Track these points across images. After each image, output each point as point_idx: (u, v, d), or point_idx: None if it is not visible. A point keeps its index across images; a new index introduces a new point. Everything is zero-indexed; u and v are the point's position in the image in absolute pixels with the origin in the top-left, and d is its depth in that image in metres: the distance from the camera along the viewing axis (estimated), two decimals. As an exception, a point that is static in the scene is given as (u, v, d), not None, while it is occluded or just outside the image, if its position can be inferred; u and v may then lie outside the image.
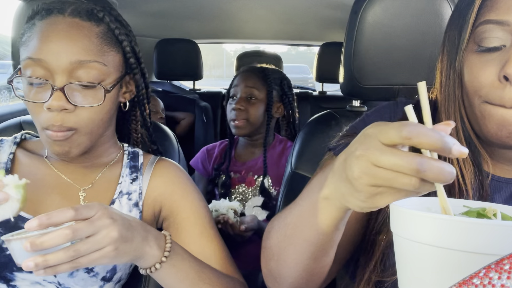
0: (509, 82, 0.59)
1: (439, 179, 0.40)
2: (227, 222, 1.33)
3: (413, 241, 0.42)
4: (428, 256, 0.41)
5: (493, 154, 0.70)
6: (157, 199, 0.89)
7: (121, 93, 0.87)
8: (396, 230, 0.46)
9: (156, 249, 0.71)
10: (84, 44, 0.77)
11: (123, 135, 0.99)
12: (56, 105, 0.73)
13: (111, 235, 0.62)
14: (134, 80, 0.89)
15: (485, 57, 0.62)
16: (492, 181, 0.69)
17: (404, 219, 0.43)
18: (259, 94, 1.63)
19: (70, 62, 0.75)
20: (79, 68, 0.76)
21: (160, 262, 0.71)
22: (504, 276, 0.32)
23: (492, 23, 0.61)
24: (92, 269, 0.79)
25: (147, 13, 2.06)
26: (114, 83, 0.81)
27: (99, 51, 0.78)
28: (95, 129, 0.80)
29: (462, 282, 0.34)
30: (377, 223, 0.69)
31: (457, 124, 0.67)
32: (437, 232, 0.40)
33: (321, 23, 2.34)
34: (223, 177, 1.64)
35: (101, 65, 0.78)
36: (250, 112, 1.60)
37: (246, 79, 1.64)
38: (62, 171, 0.87)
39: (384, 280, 0.67)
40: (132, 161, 0.92)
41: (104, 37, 0.80)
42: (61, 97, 0.74)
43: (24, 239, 0.57)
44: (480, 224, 0.39)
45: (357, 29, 0.99)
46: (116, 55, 0.82)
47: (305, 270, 0.63)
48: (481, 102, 0.63)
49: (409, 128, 0.40)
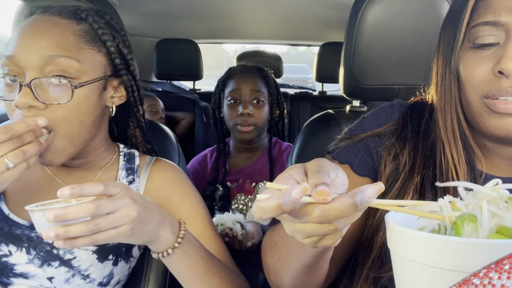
0: (504, 75, 0.61)
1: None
2: (235, 238, 1.24)
3: (407, 259, 0.41)
4: (423, 274, 0.40)
5: (488, 152, 0.70)
6: (155, 200, 0.88)
7: (107, 96, 0.83)
8: (391, 247, 0.45)
9: (170, 234, 0.71)
10: (56, 39, 0.74)
11: (121, 139, 0.97)
12: (22, 101, 0.71)
13: (130, 214, 0.62)
14: (123, 83, 0.86)
15: (480, 54, 0.64)
16: (486, 180, 0.70)
17: (397, 236, 0.43)
18: (264, 96, 1.56)
19: (40, 57, 0.73)
20: (49, 64, 0.73)
21: (172, 248, 0.71)
22: (504, 276, 0.32)
23: (487, 24, 0.63)
24: (88, 275, 0.79)
25: (147, 13, 2.05)
26: (89, 82, 0.77)
27: (74, 47, 0.76)
28: (75, 132, 0.77)
29: (462, 282, 0.34)
30: (374, 221, 0.70)
31: (453, 123, 0.68)
32: (430, 252, 0.39)
33: (321, 23, 2.34)
34: (220, 188, 1.56)
35: (73, 61, 0.75)
36: (257, 116, 1.53)
37: (249, 81, 1.55)
38: (57, 175, 0.86)
39: (381, 276, 0.68)
40: (128, 163, 0.90)
41: (82, 35, 0.78)
42: (28, 93, 0.71)
43: (46, 210, 0.59)
44: (474, 244, 0.37)
45: (357, 29, 0.99)
46: (95, 54, 0.79)
47: (303, 282, 0.66)
48: (480, 98, 0.64)
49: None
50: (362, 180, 0.75)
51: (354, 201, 0.40)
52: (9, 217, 0.80)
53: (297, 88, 2.92)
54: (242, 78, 1.57)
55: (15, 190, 0.83)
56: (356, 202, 0.40)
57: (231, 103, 1.56)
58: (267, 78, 1.60)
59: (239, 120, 1.52)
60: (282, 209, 0.40)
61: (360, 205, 0.41)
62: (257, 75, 1.58)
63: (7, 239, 0.78)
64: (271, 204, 0.40)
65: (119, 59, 0.83)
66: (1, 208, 0.81)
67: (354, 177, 0.75)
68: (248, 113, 1.50)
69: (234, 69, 1.62)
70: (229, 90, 1.57)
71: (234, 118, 1.54)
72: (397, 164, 0.72)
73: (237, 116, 1.53)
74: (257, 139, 1.59)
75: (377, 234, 0.69)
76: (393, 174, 0.72)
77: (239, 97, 1.54)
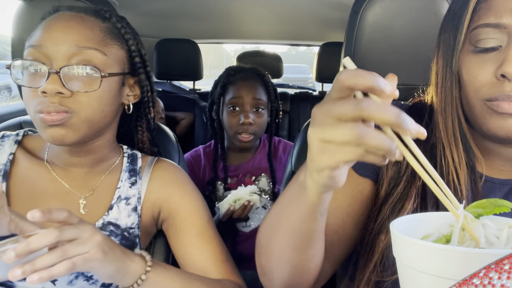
0: (506, 79, 0.60)
1: (379, 149, 0.41)
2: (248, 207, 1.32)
3: (412, 269, 0.41)
4: (428, 284, 0.40)
5: (488, 154, 0.70)
6: (156, 202, 0.88)
7: (124, 93, 0.86)
8: (396, 255, 0.45)
9: (138, 262, 0.72)
10: (85, 32, 0.77)
11: (127, 142, 0.97)
12: (50, 88, 0.72)
13: (94, 237, 0.63)
14: (139, 82, 0.88)
15: (481, 57, 0.63)
16: (486, 182, 0.70)
17: (402, 245, 0.43)
18: (264, 104, 1.54)
19: (69, 47, 0.75)
20: (77, 54, 0.75)
21: (145, 273, 0.71)
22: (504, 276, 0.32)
23: (489, 26, 0.62)
24: (91, 277, 0.79)
25: (147, 13, 2.06)
26: (115, 74, 0.80)
27: (100, 41, 0.78)
28: (95, 118, 0.78)
29: (462, 282, 0.34)
30: (376, 224, 0.69)
31: (454, 125, 0.68)
32: (435, 262, 0.39)
33: (321, 23, 2.34)
34: (220, 184, 1.56)
35: (100, 54, 0.77)
36: (258, 124, 1.52)
37: (251, 89, 1.52)
38: (62, 177, 0.85)
39: (384, 280, 0.67)
40: (131, 165, 0.90)
41: (107, 32, 0.81)
42: (56, 80, 0.73)
43: (2, 252, 0.55)
44: (479, 254, 0.37)
45: (357, 29, 0.99)
46: (119, 49, 0.82)
47: (290, 264, 0.63)
48: (483, 101, 0.63)
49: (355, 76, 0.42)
50: (364, 180, 0.74)
51: None
52: None
53: (297, 88, 2.92)
54: (243, 85, 1.53)
55: (19, 193, 0.82)
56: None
57: (231, 110, 1.54)
58: (267, 84, 1.58)
59: (240, 129, 1.51)
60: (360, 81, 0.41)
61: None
62: (258, 82, 1.56)
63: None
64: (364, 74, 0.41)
65: (138, 57, 0.86)
66: None
67: (356, 177, 0.74)
68: (250, 123, 1.50)
69: (234, 73, 1.58)
70: (229, 97, 1.54)
71: (235, 126, 1.52)
72: (398, 168, 0.71)
73: (238, 125, 1.51)
74: (253, 146, 1.60)
75: (379, 238, 0.68)
76: (395, 178, 0.71)
77: (240, 105, 1.52)
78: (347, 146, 0.42)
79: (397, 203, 0.68)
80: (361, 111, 0.41)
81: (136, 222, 0.86)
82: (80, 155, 0.84)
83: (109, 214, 0.84)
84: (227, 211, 1.34)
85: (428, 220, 0.50)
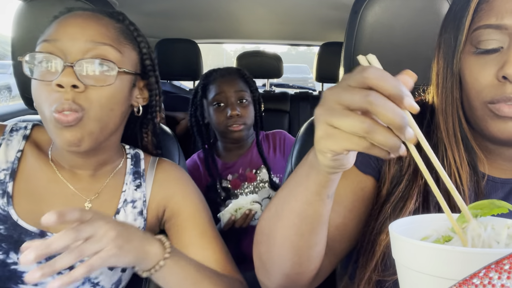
0: (508, 81, 0.60)
1: (385, 146, 0.43)
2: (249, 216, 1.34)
3: (412, 270, 0.41)
4: (428, 285, 0.40)
5: (489, 154, 0.70)
6: (160, 203, 0.89)
7: (134, 95, 0.85)
8: (396, 257, 0.45)
9: (157, 247, 0.71)
10: (100, 29, 0.77)
11: (129, 141, 0.97)
12: (65, 81, 0.71)
13: (109, 233, 0.62)
14: (148, 86, 0.88)
15: (483, 59, 0.63)
16: (488, 181, 0.70)
17: (401, 246, 0.43)
18: (247, 95, 1.59)
19: (84, 43, 0.75)
20: (92, 50, 0.75)
21: (163, 259, 0.71)
22: (504, 276, 0.32)
23: (490, 27, 0.62)
24: (98, 283, 0.79)
25: (147, 13, 2.06)
26: (129, 71, 0.80)
27: (116, 39, 0.79)
28: (104, 117, 0.77)
29: (462, 282, 0.34)
30: (377, 223, 0.69)
31: (454, 125, 0.68)
32: (435, 262, 0.39)
33: (321, 23, 2.34)
34: (224, 182, 1.58)
35: (115, 51, 0.77)
36: (245, 116, 1.56)
37: (231, 83, 1.58)
38: (67, 179, 0.83)
39: (385, 280, 0.67)
40: (134, 167, 0.90)
41: (121, 32, 0.81)
42: (71, 73, 0.72)
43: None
44: (479, 253, 0.37)
45: (357, 29, 0.98)
46: (132, 50, 0.83)
47: (293, 250, 0.62)
48: (484, 103, 0.63)
49: (368, 71, 0.43)
50: (366, 178, 0.74)
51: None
52: (18, 223, 0.77)
53: (297, 88, 2.93)
54: (223, 81, 1.58)
55: (24, 193, 0.80)
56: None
57: (216, 107, 1.57)
58: (246, 77, 1.63)
59: (229, 122, 1.54)
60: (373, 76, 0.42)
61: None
62: (236, 76, 1.61)
63: (16, 248, 0.75)
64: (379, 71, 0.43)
65: (149, 60, 0.87)
66: (10, 214, 0.77)
67: (359, 174, 0.74)
68: (237, 114, 1.53)
69: (211, 74, 1.64)
70: (212, 95, 1.57)
71: (223, 121, 1.55)
72: (400, 166, 0.71)
73: (226, 119, 1.54)
74: (246, 136, 1.62)
75: (380, 237, 0.68)
76: (396, 176, 0.71)
77: (224, 99, 1.55)
78: (353, 136, 0.44)
79: (399, 202, 0.68)
80: (369, 105, 0.42)
81: (142, 225, 0.86)
82: (85, 156, 0.83)
83: (116, 218, 0.84)
84: (228, 221, 1.34)
85: (427, 221, 0.50)
